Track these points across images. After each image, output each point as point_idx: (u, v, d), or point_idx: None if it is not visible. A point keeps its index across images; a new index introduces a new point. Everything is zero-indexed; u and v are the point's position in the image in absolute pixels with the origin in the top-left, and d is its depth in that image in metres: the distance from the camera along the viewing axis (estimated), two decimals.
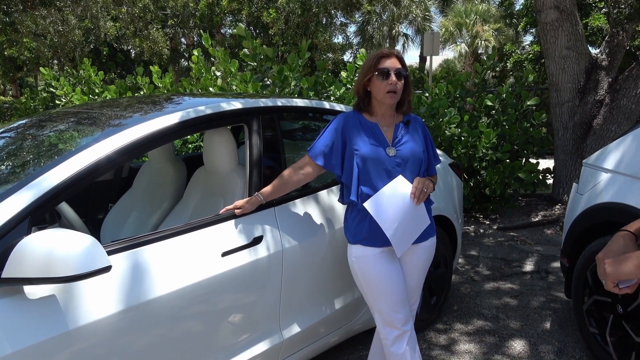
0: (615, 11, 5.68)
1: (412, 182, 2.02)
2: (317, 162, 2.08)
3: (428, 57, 13.15)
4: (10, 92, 22.80)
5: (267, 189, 2.11)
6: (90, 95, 6.80)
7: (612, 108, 5.38)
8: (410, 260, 2.13)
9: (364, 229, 2.04)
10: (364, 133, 2.05)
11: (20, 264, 1.36)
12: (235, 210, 2.06)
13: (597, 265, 1.27)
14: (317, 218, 2.35)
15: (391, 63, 1.99)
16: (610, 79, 5.53)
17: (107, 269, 1.43)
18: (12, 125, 2.37)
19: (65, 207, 2.39)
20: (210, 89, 5.43)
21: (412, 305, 2.23)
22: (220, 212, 2.05)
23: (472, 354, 2.82)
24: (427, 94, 5.84)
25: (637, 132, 2.61)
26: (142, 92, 6.59)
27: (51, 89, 7.45)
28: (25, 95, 8.42)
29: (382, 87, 1.99)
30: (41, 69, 7.47)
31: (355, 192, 2.03)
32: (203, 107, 2.12)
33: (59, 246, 1.37)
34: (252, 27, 18.43)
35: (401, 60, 2.03)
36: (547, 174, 5.68)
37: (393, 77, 1.98)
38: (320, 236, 2.31)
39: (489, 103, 5.57)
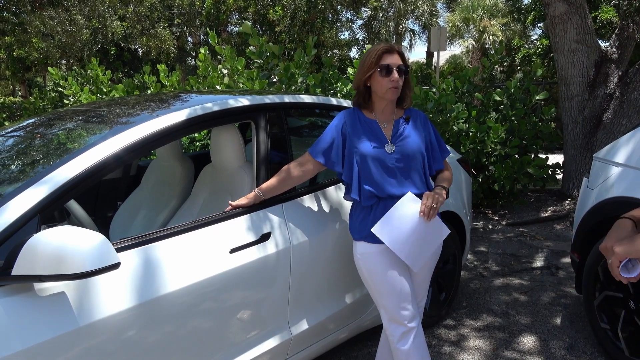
0: (625, 3, 5.62)
1: (416, 181, 2.03)
2: (317, 160, 2.08)
3: (435, 53, 13.08)
4: (19, 93, 23.00)
5: (268, 184, 2.11)
6: (98, 95, 6.83)
7: (623, 102, 5.32)
8: None
9: (367, 226, 2.03)
10: (362, 130, 2.04)
11: (30, 261, 1.36)
12: (230, 203, 2.06)
13: (605, 255, 1.25)
14: (325, 214, 2.34)
15: (393, 59, 1.98)
16: (620, 72, 5.46)
17: (115, 265, 1.43)
18: (21, 125, 2.38)
19: (74, 205, 2.41)
20: (217, 86, 5.44)
21: (419, 302, 2.22)
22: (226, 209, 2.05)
23: (482, 350, 2.81)
24: (434, 90, 5.81)
25: None
26: (149, 91, 6.61)
27: (59, 89, 7.50)
28: (34, 96, 8.49)
29: (384, 84, 1.98)
30: (49, 68, 7.52)
31: (357, 189, 2.03)
32: (210, 104, 2.12)
33: (68, 243, 1.37)
34: (258, 25, 18.43)
35: (402, 56, 2.02)
36: (557, 169, 5.63)
37: (395, 74, 1.96)
38: (329, 232, 2.31)
39: (497, 98, 5.52)
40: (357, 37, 21.72)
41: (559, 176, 5.97)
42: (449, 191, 2.98)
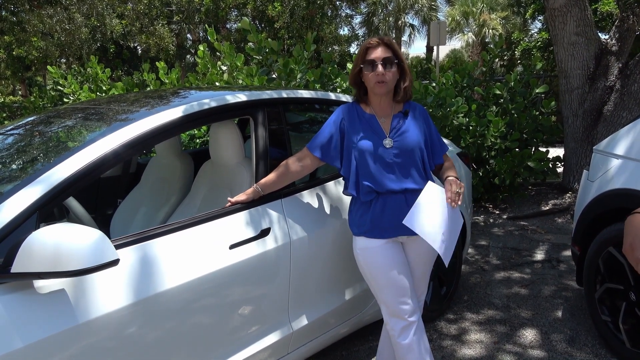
0: None
1: (414, 176, 2.02)
2: (314, 155, 2.08)
3: (435, 47, 13.05)
4: (19, 92, 23.00)
5: (266, 180, 2.11)
6: (98, 93, 6.83)
7: (623, 94, 5.30)
8: (416, 251, 2.11)
9: (367, 221, 2.03)
10: (361, 125, 2.04)
11: (29, 259, 1.36)
12: (229, 199, 2.06)
13: (629, 257, 1.23)
14: (325, 209, 2.34)
15: (378, 53, 1.96)
16: (620, 65, 5.44)
17: (115, 262, 1.43)
18: (20, 122, 2.38)
19: (73, 203, 2.41)
20: (217, 83, 5.43)
21: (420, 296, 2.22)
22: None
23: (483, 343, 2.81)
24: (434, 84, 5.79)
25: None
26: (148, 89, 6.60)
27: (59, 88, 7.49)
28: (34, 94, 8.48)
29: (370, 78, 1.97)
30: (49, 67, 7.51)
31: (355, 185, 2.03)
32: (207, 99, 2.12)
33: (66, 240, 1.37)
34: (257, 21, 18.37)
35: (390, 47, 1.99)
36: (557, 162, 5.62)
37: (380, 68, 1.95)
38: (328, 227, 2.31)
39: (497, 91, 5.51)
40: (356, 32, 21.66)
41: (560, 169, 5.96)
42: None
